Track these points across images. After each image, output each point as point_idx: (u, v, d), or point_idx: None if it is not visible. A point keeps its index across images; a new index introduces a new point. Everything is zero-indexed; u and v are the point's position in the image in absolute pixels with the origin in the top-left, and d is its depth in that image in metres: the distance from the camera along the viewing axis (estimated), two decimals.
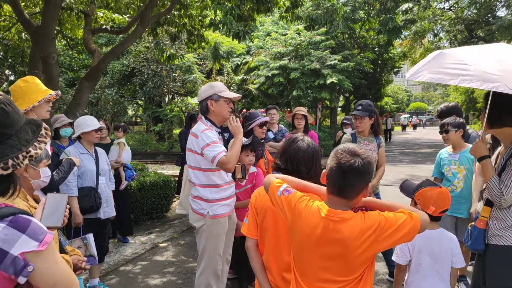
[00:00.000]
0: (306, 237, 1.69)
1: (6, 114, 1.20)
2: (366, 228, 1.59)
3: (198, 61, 19.15)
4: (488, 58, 2.24)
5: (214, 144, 2.91)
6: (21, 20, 6.11)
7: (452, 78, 2.20)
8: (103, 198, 3.95)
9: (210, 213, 3.06)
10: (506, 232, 2.28)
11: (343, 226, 1.61)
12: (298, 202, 1.74)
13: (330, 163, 1.67)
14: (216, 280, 3.12)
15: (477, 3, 19.79)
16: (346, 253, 1.62)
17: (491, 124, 2.35)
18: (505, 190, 2.24)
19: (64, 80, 19.04)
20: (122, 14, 8.00)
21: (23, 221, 1.17)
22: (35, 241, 1.15)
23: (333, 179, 1.66)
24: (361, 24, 21.88)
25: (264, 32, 18.78)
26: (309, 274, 1.74)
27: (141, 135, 21.09)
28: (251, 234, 2.21)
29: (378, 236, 1.58)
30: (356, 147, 1.71)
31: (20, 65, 9.19)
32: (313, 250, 1.69)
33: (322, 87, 16.75)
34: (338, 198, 1.66)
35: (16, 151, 1.21)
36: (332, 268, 1.67)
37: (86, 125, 3.88)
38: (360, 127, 4.08)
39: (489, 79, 2.07)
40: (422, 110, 58.90)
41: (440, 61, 2.33)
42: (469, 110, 34.67)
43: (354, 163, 1.61)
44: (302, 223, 1.70)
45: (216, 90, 3.08)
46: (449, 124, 3.74)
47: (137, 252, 5.28)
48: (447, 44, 23.26)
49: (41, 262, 1.17)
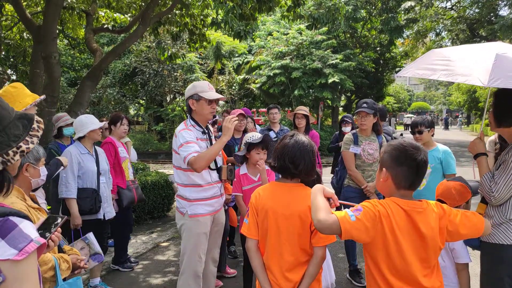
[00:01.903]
0: (399, 234, 1.75)
1: None
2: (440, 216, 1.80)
3: (200, 61, 19.13)
4: (473, 54, 2.35)
5: (188, 144, 2.94)
6: (23, 20, 6.11)
7: (433, 73, 2.36)
8: (103, 199, 3.93)
9: (189, 212, 3.09)
10: (494, 230, 2.32)
11: (423, 216, 1.76)
12: (376, 208, 1.77)
13: (399, 160, 1.78)
14: (195, 281, 3.11)
15: (479, 2, 19.74)
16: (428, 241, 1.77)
17: (499, 123, 2.36)
18: (494, 187, 2.27)
19: (65, 80, 19.06)
20: (124, 14, 8.00)
21: (9, 225, 1.08)
22: (14, 249, 1.05)
23: (407, 175, 1.78)
24: (363, 23, 21.84)
25: (265, 31, 18.76)
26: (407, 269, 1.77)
27: (142, 134, 21.09)
28: (252, 235, 2.20)
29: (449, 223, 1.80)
30: (414, 141, 1.88)
31: (22, 64, 9.19)
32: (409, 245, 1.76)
33: (323, 87, 16.72)
34: (408, 191, 1.81)
35: (5, 147, 1.16)
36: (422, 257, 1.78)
37: (91, 123, 3.90)
38: (365, 124, 4.04)
39: (464, 72, 2.21)
40: (424, 109, 58.79)
41: (428, 58, 2.53)
42: (471, 109, 34.61)
43: (424, 157, 1.78)
44: (392, 223, 1.75)
45: (197, 90, 3.08)
46: (422, 124, 3.78)
47: (139, 251, 5.27)
48: (449, 43, 23.22)
49: (13, 274, 1.05)
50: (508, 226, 2.27)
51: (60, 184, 3.73)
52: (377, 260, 1.80)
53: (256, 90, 18.47)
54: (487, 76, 2.06)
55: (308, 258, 2.14)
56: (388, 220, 1.74)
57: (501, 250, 2.27)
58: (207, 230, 3.16)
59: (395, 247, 1.74)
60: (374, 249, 1.79)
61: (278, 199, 2.14)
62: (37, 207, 2.00)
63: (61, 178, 3.73)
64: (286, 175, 2.17)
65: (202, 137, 3.13)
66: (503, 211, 2.30)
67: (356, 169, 4.09)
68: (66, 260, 2.01)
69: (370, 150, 4.05)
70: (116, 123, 4.64)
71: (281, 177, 2.23)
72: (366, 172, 4.08)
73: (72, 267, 2.04)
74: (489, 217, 2.37)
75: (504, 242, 2.26)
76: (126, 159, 4.70)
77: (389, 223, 1.74)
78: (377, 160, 4.02)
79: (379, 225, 1.73)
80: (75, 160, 3.76)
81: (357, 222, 1.69)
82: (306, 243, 2.12)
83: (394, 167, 1.79)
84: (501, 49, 2.25)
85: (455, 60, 2.34)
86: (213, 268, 3.38)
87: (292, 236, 2.10)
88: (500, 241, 2.28)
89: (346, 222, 1.68)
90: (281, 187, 2.20)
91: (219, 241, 3.41)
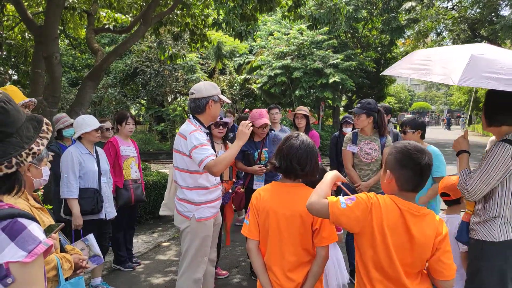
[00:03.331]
0: (387, 230, 1.76)
1: (7, 112, 1.18)
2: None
3: (201, 61, 19.12)
4: (452, 54, 2.40)
5: (203, 147, 2.84)
6: (24, 20, 6.13)
7: (414, 73, 2.45)
8: (104, 198, 3.94)
9: (196, 216, 3.01)
10: (478, 226, 2.38)
11: (418, 220, 1.77)
12: (369, 200, 1.80)
13: (403, 163, 1.79)
14: (196, 283, 3.09)
15: (480, 2, 19.69)
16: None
17: (490, 123, 2.43)
18: (469, 181, 2.31)
19: (67, 80, 19.06)
20: (125, 14, 8.01)
21: (18, 226, 1.09)
22: (23, 251, 1.07)
23: (411, 178, 1.79)
24: (364, 24, 21.81)
25: (266, 31, 18.73)
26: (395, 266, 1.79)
27: (143, 134, 21.09)
28: (252, 236, 2.19)
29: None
30: (418, 144, 1.86)
31: (23, 64, 9.22)
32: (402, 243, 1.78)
33: (324, 87, 16.69)
34: (411, 193, 1.83)
35: (18, 149, 1.18)
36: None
37: (86, 125, 3.85)
38: (358, 124, 4.10)
39: (440, 72, 2.27)
40: (425, 109, 58.69)
41: (412, 58, 2.62)
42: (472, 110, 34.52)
43: (429, 161, 1.79)
44: (382, 217, 1.77)
45: (218, 91, 3.06)
46: (407, 124, 3.81)
47: (140, 251, 5.29)
48: (450, 43, 23.18)
49: (22, 276, 1.07)
50: (491, 223, 2.32)
51: (62, 184, 3.73)
52: (363, 251, 1.84)
53: (257, 90, 18.45)
54: (460, 75, 2.11)
55: (310, 258, 2.15)
56: (379, 214, 1.76)
57: (482, 246, 2.34)
58: (211, 232, 3.14)
59: (381, 242, 1.77)
60: (362, 240, 1.83)
61: (279, 200, 2.14)
62: (40, 207, 2.01)
63: (62, 178, 3.74)
64: (290, 176, 2.17)
65: (207, 139, 3.08)
66: (487, 209, 2.35)
67: (352, 168, 4.14)
68: (68, 260, 2.01)
69: (368, 150, 4.06)
70: (121, 122, 4.59)
71: (282, 177, 2.23)
72: (362, 171, 4.10)
73: (74, 267, 2.05)
74: (476, 214, 2.44)
75: (486, 239, 2.33)
76: (129, 158, 4.61)
77: (379, 217, 1.76)
78: (375, 160, 4.03)
79: (369, 216, 1.77)
80: (76, 161, 3.76)
81: (347, 209, 1.78)
82: (308, 243, 2.12)
83: (398, 170, 1.81)
84: (480, 51, 2.30)
85: (434, 60, 2.41)
86: (211, 268, 3.38)
87: (294, 236, 2.10)
88: (482, 238, 2.35)
89: (336, 207, 1.80)
90: (282, 187, 2.20)
91: (216, 241, 3.42)
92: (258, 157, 4.29)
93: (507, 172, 2.24)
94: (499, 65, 2.14)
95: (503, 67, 2.12)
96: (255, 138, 4.37)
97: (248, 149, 4.27)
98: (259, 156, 4.29)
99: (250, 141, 4.32)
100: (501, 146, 2.25)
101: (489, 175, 2.26)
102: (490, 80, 2.08)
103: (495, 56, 2.26)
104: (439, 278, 1.81)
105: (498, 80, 2.07)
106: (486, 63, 2.17)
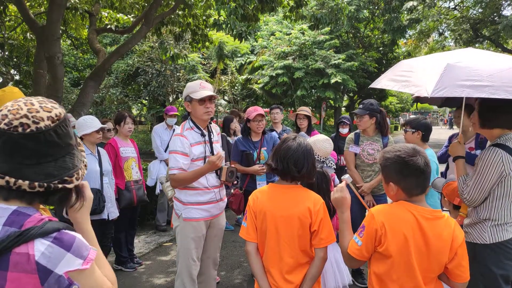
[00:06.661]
0: (405, 241, 1.74)
1: (69, 126, 1.22)
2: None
3: (203, 61, 19.11)
4: (432, 65, 2.39)
5: (176, 155, 2.93)
6: (26, 20, 6.14)
7: (396, 85, 2.48)
8: (106, 199, 3.95)
9: (183, 215, 3.05)
10: (469, 229, 2.40)
11: (431, 224, 1.76)
12: (373, 227, 1.79)
13: (404, 173, 1.77)
14: (192, 284, 3.10)
15: (482, 2, 19.63)
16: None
17: (482, 125, 2.44)
18: (465, 189, 2.34)
19: (69, 80, 19.10)
20: (127, 14, 8.01)
21: (68, 238, 1.10)
22: (80, 259, 1.10)
23: (416, 183, 1.78)
24: (365, 23, 21.78)
25: (268, 31, 18.73)
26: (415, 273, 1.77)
27: (145, 134, 21.10)
28: (251, 238, 2.18)
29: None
30: (407, 145, 1.86)
31: (25, 64, 9.22)
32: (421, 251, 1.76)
33: (326, 87, 16.68)
34: (420, 196, 1.81)
35: (80, 161, 1.24)
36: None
37: (86, 126, 3.86)
38: (360, 125, 4.09)
39: (417, 83, 2.28)
40: (427, 110, 58.57)
41: (396, 69, 2.65)
42: None
43: (425, 159, 1.78)
44: (396, 232, 1.75)
45: (188, 91, 3.01)
46: (407, 124, 3.80)
47: (142, 251, 5.29)
48: (452, 43, 23.13)
49: (84, 280, 1.12)
50: (482, 226, 2.34)
51: None
52: (379, 265, 1.82)
53: (258, 90, 18.45)
54: (434, 86, 2.11)
55: (308, 260, 2.14)
56: (386, 234, 1.76)
57: (474, 249, 2.33)
58: (200, 234, 3.12)
59: (403, 252, 1.75)
60: (381, 256, 1.82)
61: (276, 201, 2.13)
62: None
63: None
64: (287, 178, 2.16)
65: (200, 140, 3.06)
66: (477, 211, 2.37)
67: (355, 169, 4.13)
68: None
69: (371, 150, 4.05)
70: (120, 123, 4.61)
71: (279, 179, 2.23)
72: (365, 172, 4.10)
73: None
74: (468, 217, 2.45)
75: (478, 241, 2.34)
76: (130, 158, 4.62)
77: (393, 232, 1.76)
78: (378, 161, 4.02)
79: (378, 240, 1.78)
80: None
81: (362, 246, 1.81)
82: (306, 245, 2.12)
83: (400, 180, 1.80)
84: (457, 58, 2.30)
85: (415, 71, 2.42)
86: (213, 272, 3.37)
87: (292, 238, 2.09)
88: (474, 240, 2.36)
89: (355, 249, 1.84)
90: (279, 189, 2.18)
91: (219, 245, 3.39)
92: (258, 156, 4.26)
93: (502, 175, 2.25)
94: (476, 71, 2.13)
95: (479, 74, 2.11)
96: (253, 137, 4.34)
97: (246, 149, 4.24)
98: (258, 155, 4.26)
99: (249, 141, 4.31)
100: (492, 151, 2.26)
101: (483, 181, 2.27)
102: (465, 88, 2.08)
103: (473, 63, 2.24)
104: (458, 281, 1.80)
105: (473, 87, 2.07)
106: (461, 71, 2.16)
